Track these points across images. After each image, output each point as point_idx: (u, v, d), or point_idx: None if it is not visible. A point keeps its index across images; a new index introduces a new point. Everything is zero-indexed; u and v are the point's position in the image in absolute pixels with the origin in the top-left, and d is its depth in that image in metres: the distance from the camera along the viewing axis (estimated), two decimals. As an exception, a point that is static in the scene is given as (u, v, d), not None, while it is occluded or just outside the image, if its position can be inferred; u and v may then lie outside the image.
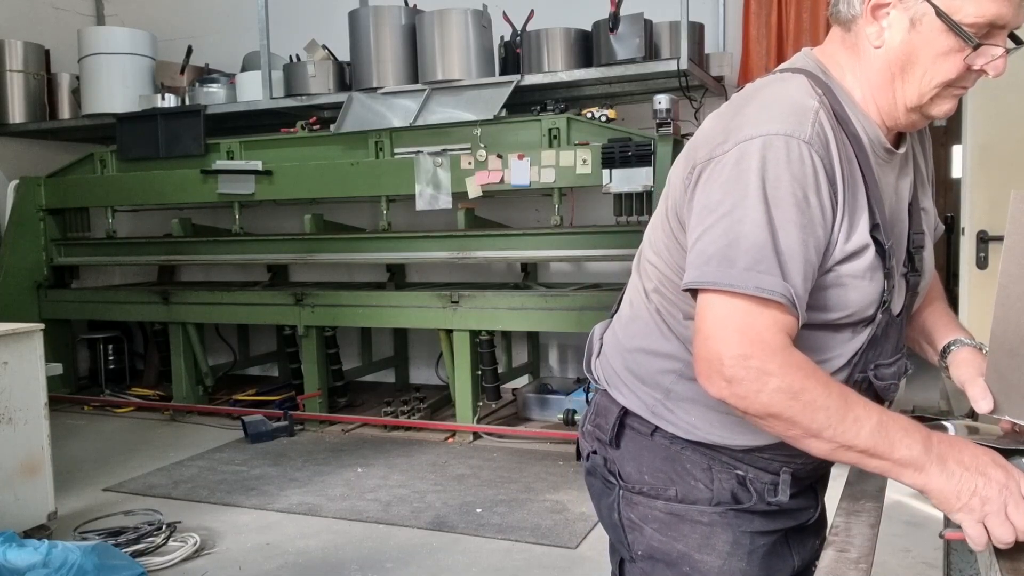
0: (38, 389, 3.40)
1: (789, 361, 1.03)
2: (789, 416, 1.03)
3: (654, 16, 4.77)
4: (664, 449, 1.27)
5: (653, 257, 1.26)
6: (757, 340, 1.03)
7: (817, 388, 1.03)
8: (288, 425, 5.04)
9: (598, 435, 1.35)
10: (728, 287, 1.04)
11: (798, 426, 1.03)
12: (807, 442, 1.05)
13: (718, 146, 1.11)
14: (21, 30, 6.32)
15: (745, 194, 1.06)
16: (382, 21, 5.04)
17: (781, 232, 1.04)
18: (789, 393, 1.02)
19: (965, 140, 3.66)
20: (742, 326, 1.04)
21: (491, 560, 3.21)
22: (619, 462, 1.31)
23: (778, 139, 1.06)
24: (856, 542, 1.08)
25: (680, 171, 1.20)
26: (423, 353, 6.15)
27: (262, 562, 3.24)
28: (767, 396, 1.02)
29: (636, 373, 1.29)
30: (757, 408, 1.04)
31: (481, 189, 4.75)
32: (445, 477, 4.18)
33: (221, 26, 6.45)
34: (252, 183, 5.33)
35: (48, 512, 3.45)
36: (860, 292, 1.13)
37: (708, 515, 1.25)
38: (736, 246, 1.05)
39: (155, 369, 6.21)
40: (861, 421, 1.03)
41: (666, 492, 1.27)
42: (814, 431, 1.03)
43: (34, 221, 6.02)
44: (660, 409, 1.26)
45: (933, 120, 1.21)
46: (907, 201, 1.25)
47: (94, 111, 5.84)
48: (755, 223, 1.05)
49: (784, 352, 1.03)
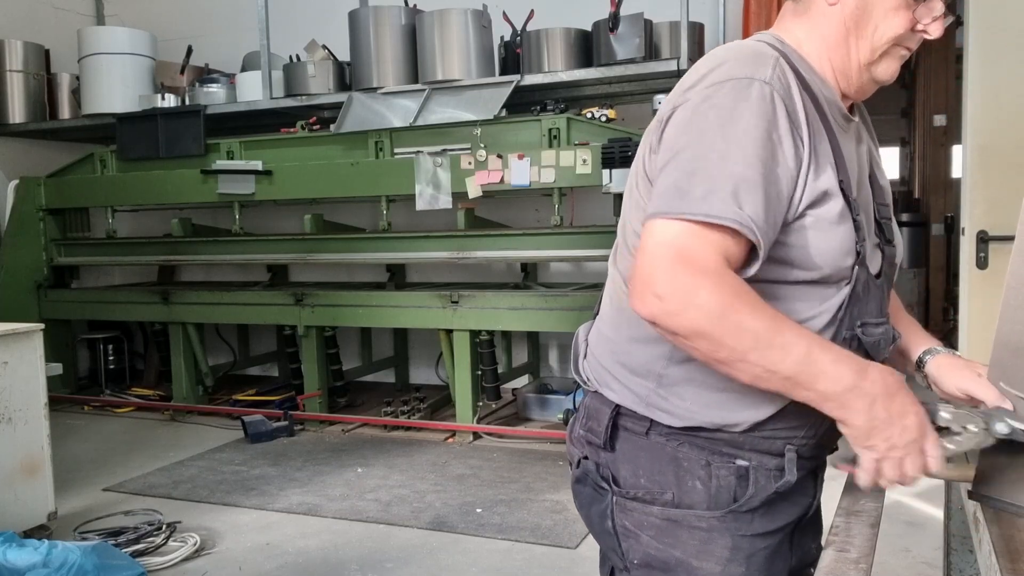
0: (38, 389, 3.40)
1: (722, 281, 1.03)
2: (717, 336, 1.03)
3: (654, 16, 4.77)
4: (660, 448, 1.23)
5: (632, 241, 1.24)
6: (692, 259, 1.04)
7: (745, 309, 1.03)
8: (288, 425, 5.04)
9: (590, 439, 1.31)
10: (678, 214, 1.05)
11: (724, 347, 1.04)
12: (734, 367, 1.06)
13: (680, 96, 1.14)
14: (21, 30, 6.32)
15: (703, 130, 1.08)
16: (382, 21, 5.04)
17: (740, 165, 1.05)
18: (717, 311, 1.02)
19: (965, 140, 3.66)
20: (681, 247, 1.04)
21: (491, 560, 3.21)
22: (613, 466, 1.27)
23: (739, 81, 1.09)
24: (856, 542, 1.08)
25: (645, 142, 1.22)
26: (423, 353, 6.15)
27: (262, 562, 3.24)
28: (695, 312, 1.02)
29: (627, 365, 1.25)
30: (685, 326, 1.04)
31: (481, 189, 4.75)
32: (445, 477, 4.18)
33: (221, 26, 6.45)
34: (252, 183, 5.33)
35: (48, 512, 3.45)
36: (831, 240, 1.14)
37: (706, 520, 1.22)
38: (691, 178, 1.06)
39: (155, 369, 6.21)
40: (789, 347, 1.04)
41: (662, 496, 1.23)
42: (740, 353, 1.04)
43: (34, 221, 6.02)
44: (654, 398, 1.22)
45: (880, 84, 1.27)
46: (867, 171, 1.28)
47: (94, 111, 5.84)
48: (712, 157, 1.07)
49: (718, 273, 1.04)
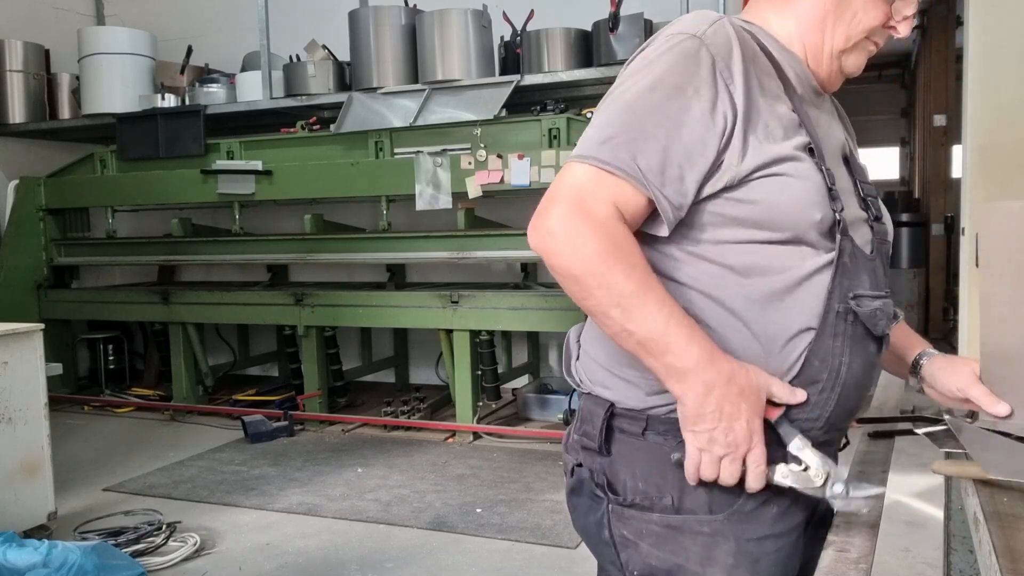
0: (38, 389, 3.40)
1: (605, 232, 1.06)
2: (586, 284, 1.07)
3: (654, 16, 4.77)
4: (657, 449, 1.17)
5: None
6: (585, 205, 1.07)
7: (620, 265, 1.06)
8: (288, 425, 5.04)
9: (585, 443, 1.24)
10: (578, 157, 1.10)
11: (592, 297, 1.07)
12: (599, 319, 1.10)
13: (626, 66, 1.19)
14: (21, 30, 6.32)
15: (622, 80, 1.14)
16: (382, 21, 5.05)
17: (645, 116, 1.08)
18: (594, 261, 1.05)
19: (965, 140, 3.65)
20: (580, 191, 1.08)
21: (491, 560, 3.21)
22: (609, 471, 1.22)
23: (670, 37, 1.13)
24: (856, 542, 1.08)
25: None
26: (423, 353, 6.15)
27: (262, 562, 3.24)
28: (573, 257, 1.06)
29: (622, 358, 1.19)
30: (563, 266, 1.07)
31: (481, 189, 4.75)
32: (445, 477, 4.18)
33: (221, 26, 6.45)
34: (252, 183, 5.33)
35: (48, 512, 3.45)
36: (792, 196, 1.10)
37: (709, 524, 1.16)
38: (598, 125, 1.11)
39: (155, 369, 6.21)
40: (649, 313, 1.06)
41: (661, 501, 1.18)
42: (604, 307, 1.07)
43: (34, 221, 6.02)
44: (653, 385, 1.16)
45: (846, 76, 1.25)
46: (842, 147, 1.24)
47: (94, 111, 5.84)
48: (618, 107, 1.11)
49: (607, 223, 1.06)
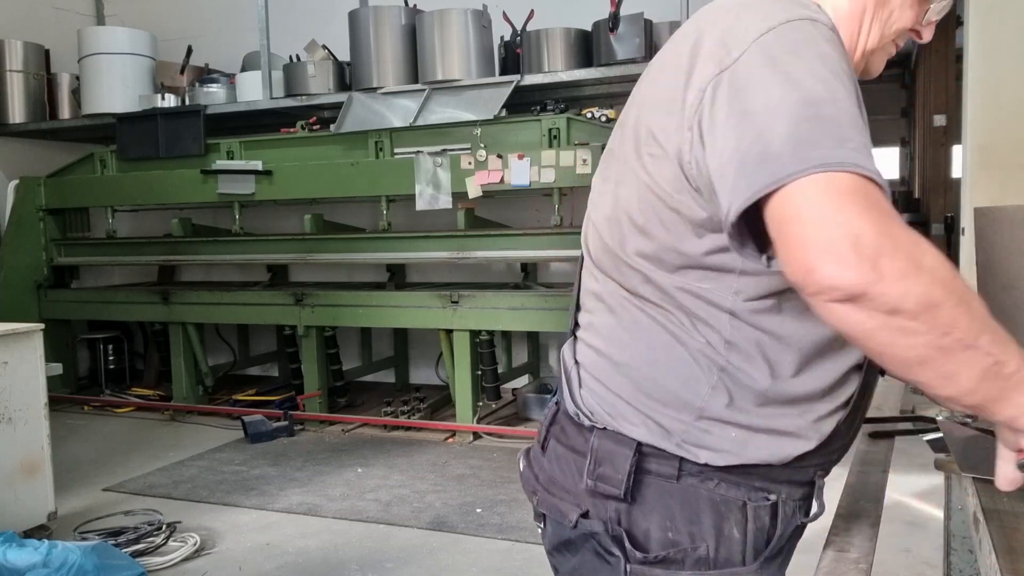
0: (38, 389, 3.40)
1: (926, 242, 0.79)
2: (950, 308, 0.78)
3: (654, 16, 4.77)
4: (693, 492, 1.02)
5: (640, 244, 1.02)
6: (889, 212, 0.78)
7: (956, 273, 0.79)
8: (288, 425, 5.04)
9: (601, 489, 1.04)
10: (821, 166, 0.79)
11: (958, 325, 0.78)
12: (960, 356, 0.80)
13: (724, 56, 0.90)
14: (21, 30, 6.32)
15: (790, 75, 0.85)
16: (382, 21, 5.05)
17: (848, 107, 0.85)
18: (945, 276, 0.78)
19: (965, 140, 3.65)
20: (865, 198, 0.78)
21: (491, 560, 3.21)
22: (633, 522, 1.04)
23: (803, 23, 0.90)
24: (856, 542, 1.08)
25: (654, 118, 0.98)
26: (423, 353, 6.15)
27: (262, 562, 3.23)
28: (927, 277, 0.77)
29: (652, 394, 1.03)
30: (917, 294, 0.77)
31: (481, 189, 4.75)
32: (445, 477, 4.17)
33: (221, 26, 6.45)
34: (252, 183, 5.33)
35: (48, 512, 3.44)
36: None
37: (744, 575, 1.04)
38: (813, 125, 0.82)
39: (155, 369, 6.21)
40: (996, 327, 0.81)
41: (695, 552, 1.02)
42: (974, 334, 0.79)
43: (34, 221, 6.02)
44: (693, 434, 1.00)
45: (865, 78, 1.15)
46: None
47: (94, 111, 5.84)
48: (824, 99, 0.83)
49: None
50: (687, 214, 0.96)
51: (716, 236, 0.95)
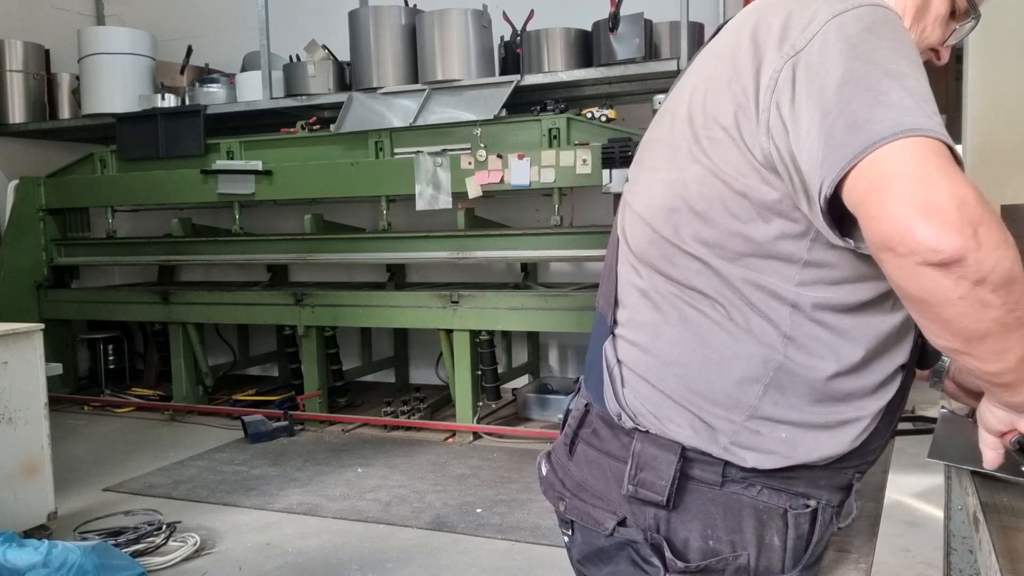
0: (38, 389, 3.40)
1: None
2: (1023, 285, 0.79)
3: (654, 16, 4.76)
4: (736, 500, 1.01)
5: (700, 231, 0.99)
6: (971, 183, 0.79)
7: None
8: (288, 425, 5.04)
9: (642, 496, 1.01)
10: (915, 130, 0.79)
11: (1022, 305, 0.79)
12: (1015, 334, 0.81)
13: (796, 39, 0.90)
14: (21, 30, 6.32)
15: (869, 52, 0.86)
16: (382, 21, 5.04)
17: (926, 83, 0.86)
18: (1019, 255, 0.80)
19: (965, 140, 3.65)
20: (956, 167, 0.80)
21: (491, 560, 3.21)
22: (672, 530, 1.02)
23: (875, 8, 0.90)
24: (856, 542, 1.08)
25: (714, 103, 0.97)
26: (423, 353, 6.15)
27: (262, 562, 3.23)
28: (1013, 252, 0.78)
29: (703, 392, 1.00)
30: (1004, 268, 0.77)
31: (481, 189, 4.75)
32: (445, 477, 4.17)
33: (221, 26, 6.45)
34: (252, 183, 5.33)
35: (48, 512, 3.44)
36: None
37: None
38: (901, 94, 0.83)
39: (155, 369, 6.20)
40: None
41: (736, 561, 1.01)
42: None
43: (34, 221, 6.02)
44: (742, 435, 0.99)
45: None
46: None
47: (94, 111, 5.84)
48: (906, 73, 0.85)
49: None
50: (756, 196, 0.94)
51: (784, 221, 0.94)
